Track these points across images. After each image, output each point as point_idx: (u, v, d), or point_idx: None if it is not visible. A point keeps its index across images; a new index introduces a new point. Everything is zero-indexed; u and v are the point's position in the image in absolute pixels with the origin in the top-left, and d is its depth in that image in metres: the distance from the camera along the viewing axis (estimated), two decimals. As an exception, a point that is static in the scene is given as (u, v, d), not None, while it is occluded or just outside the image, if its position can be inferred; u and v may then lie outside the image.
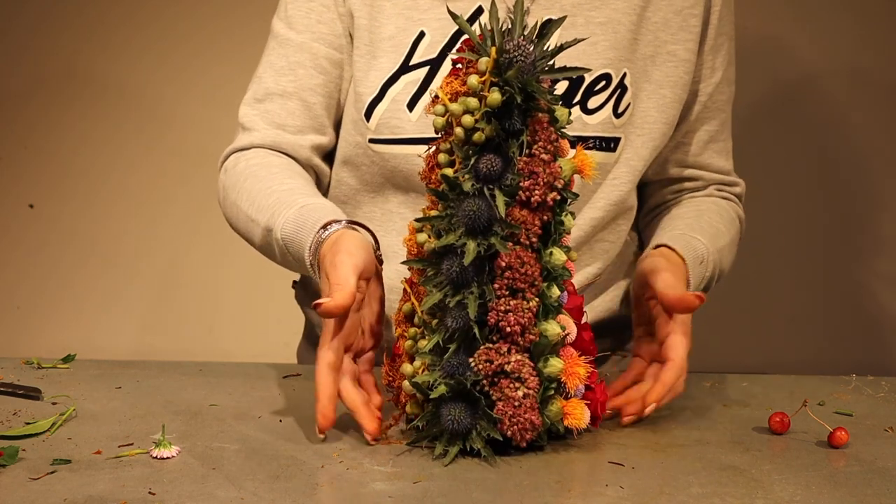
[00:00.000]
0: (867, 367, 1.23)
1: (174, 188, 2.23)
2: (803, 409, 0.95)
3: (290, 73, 1.12)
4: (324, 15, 1.11)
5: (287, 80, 1.12)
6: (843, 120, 1.96)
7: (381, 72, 1.08)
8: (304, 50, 1.11)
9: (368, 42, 1.09)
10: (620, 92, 1.10)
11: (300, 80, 1.12)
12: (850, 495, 0.78)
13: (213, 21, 2.16)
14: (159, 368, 1.10)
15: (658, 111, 1.12)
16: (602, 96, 1.09)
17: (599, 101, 1.09)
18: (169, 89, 2.19)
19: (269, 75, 1.13)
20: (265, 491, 0.75)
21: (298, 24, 1.12)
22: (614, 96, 1.09)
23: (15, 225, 2.23)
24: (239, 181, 1.08)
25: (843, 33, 1.91)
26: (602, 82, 1.09)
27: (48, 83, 2.19)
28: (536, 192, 0.80)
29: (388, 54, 1.08)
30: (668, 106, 1.13)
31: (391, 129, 1.08)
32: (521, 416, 0.81)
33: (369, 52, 1.09)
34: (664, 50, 1.12)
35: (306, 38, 1.11)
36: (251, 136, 1.12)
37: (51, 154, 2.22)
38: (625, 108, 1.10)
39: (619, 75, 1.09)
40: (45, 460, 0.80)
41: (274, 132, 1.12)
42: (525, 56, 0.79)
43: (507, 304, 0.80)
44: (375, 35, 1.09)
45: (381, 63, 1.08)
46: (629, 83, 1.10)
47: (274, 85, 1.12)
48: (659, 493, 0.77)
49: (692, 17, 1.13)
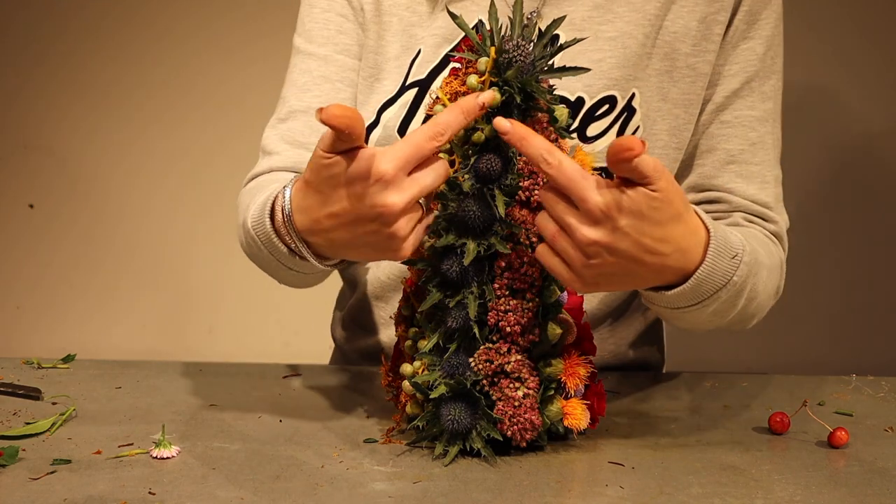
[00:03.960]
0: (867, 367, 1.23)
1: (175, 189, 2.23)
2: (803, 409, 0.95)
3: (314, 89, 1.06)
4: (343, 25, 1.06)
5: (311, 95, 1.06)
6: (846, 115, 1.96)
7: (381, 95, 1.03)
8: (329, 63, 1.06)
9: (374, 64, 1.04)
10: (627, 115, 0.99)
11: (326, 94, 1.05)
12: (850, 495, 0.78)
13: (213, 21, 2.16)
14: (159, 368, 1.10)
15: (670, 134, 1.01)
16: (604, 122, 0.99)
17: (601, 128, 0.99)
18: (170, 89, 2.19)
19: (292, 93, 1.07)
20: (265, 491, 0.75)
21: (318, 38, 1.06)
22: (619, 121, 0.99)
23: (15, 225, 2.24)
24: (245, 199, 1.00)
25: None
26: (605, 106, 0.99)
27: (48, 83, 2.19)
28: (536, 192, 0.80)
29: (391, 76, 1.03)
30: (681, 128, 1.02)
31: None
32: (521, 416, 0.81)
33: (373, 76, 1.04)
34: (682, 64, 1.00)
35: (329, 50, 1.06)
36: (271, 161, 1.05)
37: (51, 154, 2.22)
38: (633, 131, 1.00)
39: (625, 97, 0.99)
40: (45, 460, 0.80)
41: (295, 153, 1.04)
42: (524, 56, 0.79)
43: (507, 304, 0.80)
44: (381, 56, 1.03)
45: (384, 86, 1.03)
46: (638, 104, 0.99)
47: (297, 102, 1.06)
48: (659, 493, 0.77)
49: (716, 25, 1.00)
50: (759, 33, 1.02)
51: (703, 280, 0.80)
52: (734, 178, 1.02)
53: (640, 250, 0.75)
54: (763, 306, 0.94)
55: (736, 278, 0.82)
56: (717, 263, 0.80)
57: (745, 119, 1.02)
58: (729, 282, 0.82)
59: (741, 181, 1.02)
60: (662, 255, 0.76)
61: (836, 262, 2.08)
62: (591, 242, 0.74)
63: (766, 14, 1.02)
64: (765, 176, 1.03)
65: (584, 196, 0.73)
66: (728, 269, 0.81)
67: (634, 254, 0.75)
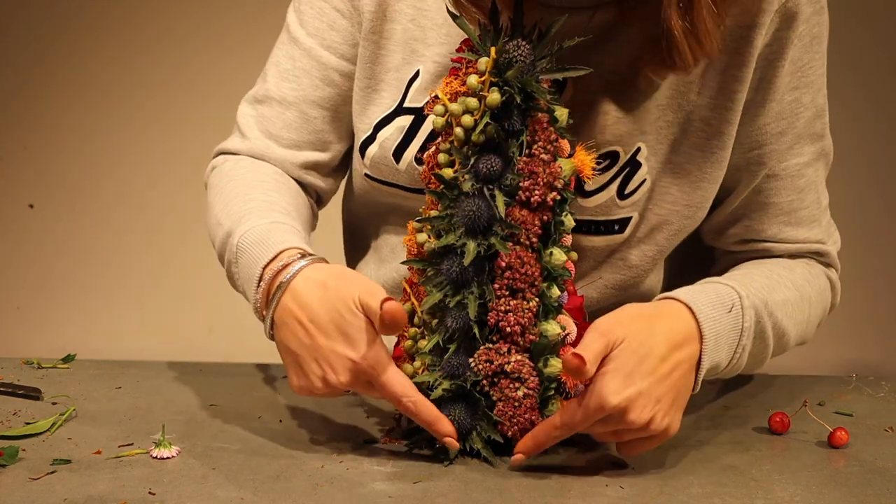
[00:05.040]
0: (867, 367, 1.23)
1: (174, 188, 2.23)
2: (803, 409, 0.95)
3: (293, 80, 1.01)
4: (337, 21, 0.99)
5: (289, 86, 1.01)
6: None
7: (378, 108, 0.98)
8: (312, 57, 1.00)
9: (370, 75, 0.98)
10: (630, 170, 0.93)
11: (303, 89, 1.01)
12: (850, 495, 0.78)
13: (213, 21, 2.16)
14: (159, 368, 1.10)
15: (681, 191, 0.94)
16: (602, 178, 0.93)
17: (599, 184, 0.93)
18: (170, 90, 2.18)
19: (273, 75, 1.03)
20: (265, 491, 0.75)
21: (309, 25, 1.00)
22: (620, 176, 0.93)
23: (15, 225, 2.23)
24: (222, 182, 1.00)
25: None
26: (605, 161, 0.93)
27: (48, 83, 2.19)
28: (536, 192, 0.80)
29: (389, 89, 0.97)
30: (693, 185, 0.94)
31: (383, 173, 0.98)
32: (521, 417, 0.81)
33: (369, 86, 0.98)
34: (696, 117, 0.92)
35: (315, 42, 1.00)
36: (241, 143, 1.03)
37: (51, 154, 2.22)
38: (637, 185, 0.93)
39: (629, 152, 0.92)
40: (45, 460, 0.80)
41: (264, 143, 1.02)
42: (525, 56, 0.79)
43: (507, 304, 0.80)
44: (380, 66, 0.98)
45: (381, 97, 0.98)
46: (644, 158, 0.93)
47: (275, 88, 1.02)
48: (659, 493, 0.77)
49: (735, 82, 0.91)
50: (807, 80, 0.94)
51: (713, 348, 0.84)
52: (783, 227, 0.99)
53: (658, 385, 0.80)
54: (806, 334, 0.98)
55: (750, 324, 0.86)
56: (716, 319, 0.85)
57: (793, 168, 0.96)
58: (743, 328, 0.86)
59: (790, 229, 0.99)
60: (675, 365, 0.81)
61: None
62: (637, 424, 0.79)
63: (814, 58, 0.94)
64: (814, 215, 0.99)
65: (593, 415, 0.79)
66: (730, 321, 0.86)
67: (659, 391, 0.80)
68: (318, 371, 0.81)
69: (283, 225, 0.90)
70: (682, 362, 0.81)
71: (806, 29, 0.92)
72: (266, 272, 0.85)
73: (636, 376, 0.78)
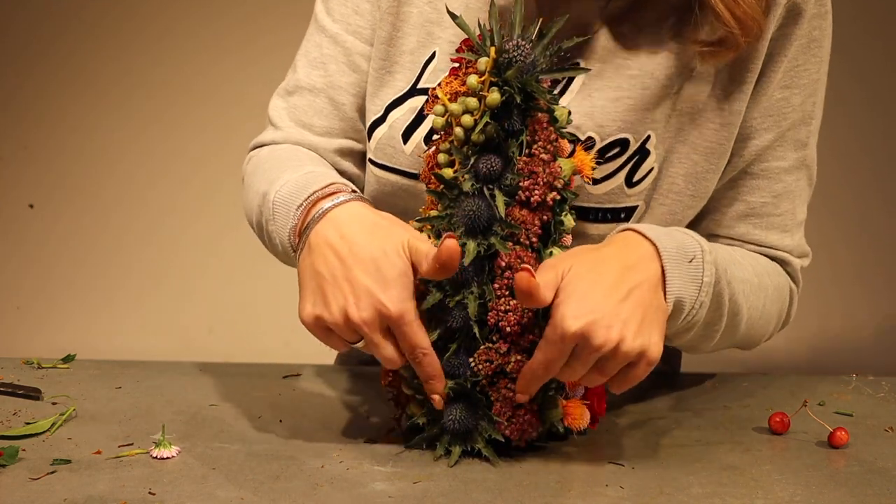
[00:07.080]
0: (867, 367, 1.23)
1: (175, 189, 2.23)
2: (803, 409, 0.95)
3: (321, 67, 1.02)
4: (361, 6, 1.00)
5: (318, 74, 1.02)
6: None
7: (391, 89, 0.98)
8: (338, 43, 1.02)
9: (385, 56, 0.99)
10: (639, 158, 0.92)
11: (331, 76, 1.02)
12: (850, 495, 0.78)
13: (213, 21, 2.16)
14: (159, 368, 1.10)
15: (686, 181, 0.94)
16: (611, 165, 0.92)
17: (608, 171, 0.92)
18: (170, 89, 2.19)
19: (302, 65, 1.04)
20: (265, 491, 0.75)
21: (335, 11, 1.02)
22: (629, 164, 0.92)
23: (15, 225, 2.24)
24: (259, 165, 1.00)
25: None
26: (616, 149, 0.92)
27: (48, 83, 2.19)
28: (536, 192, 0.80)
29: (403, 71, 0.98)
30: (700, 176, 0.94)
31: (388, 156, 0.97)
32: (520, 417, 0.81)
33: (384, 67, 0.99)
34: (707, 107, 0.93)
35: (340, 28, 1.01)
36: (276, 134, 1.04)
37: (51, 154, 2.22)
38: (645, 173, 0.93)
39: (639, 139, 0.92)
40: (45, 460, 0.80)
41: (298, 132, 1.03)
42: (524, 56, 0.79)
43: (507, 304, 0.80)
44: (395, 49, 0.98)
45: (395, 80, 0.98)
46: (653, 147, 0.92)
47: (305, 77, 1.03)
48: (659, 493, 0.77)
49: (747, 73, 0.92)
50: (799, 82, 0.94)
51: (674, 266, 0.82)
52: (752, 229, 0.98)
53: (618, 305, 0.78)
54: (758, 326, 0.96)
55: (709, 280, 0.84)
56: (676, 265, 0.82)
57: (773, 171, 0.96)
58: (703, 283, 0.83)
59: (759, 231, 0.98)
60: (635, 285, 0.79)
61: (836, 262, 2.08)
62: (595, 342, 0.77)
63: (810, 61, 0.94)
64: (786, 224, 0.98)
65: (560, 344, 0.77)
66: (691, 271, 0.83)
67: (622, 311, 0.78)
68: (342, 301, 0.79)
69: (331, 173, 0.91)
70: (642, 282, 0.80)
71: (807, 29, 0.92)
72: (312, 196, 0.86)
73: (590, 299, 0.77)
